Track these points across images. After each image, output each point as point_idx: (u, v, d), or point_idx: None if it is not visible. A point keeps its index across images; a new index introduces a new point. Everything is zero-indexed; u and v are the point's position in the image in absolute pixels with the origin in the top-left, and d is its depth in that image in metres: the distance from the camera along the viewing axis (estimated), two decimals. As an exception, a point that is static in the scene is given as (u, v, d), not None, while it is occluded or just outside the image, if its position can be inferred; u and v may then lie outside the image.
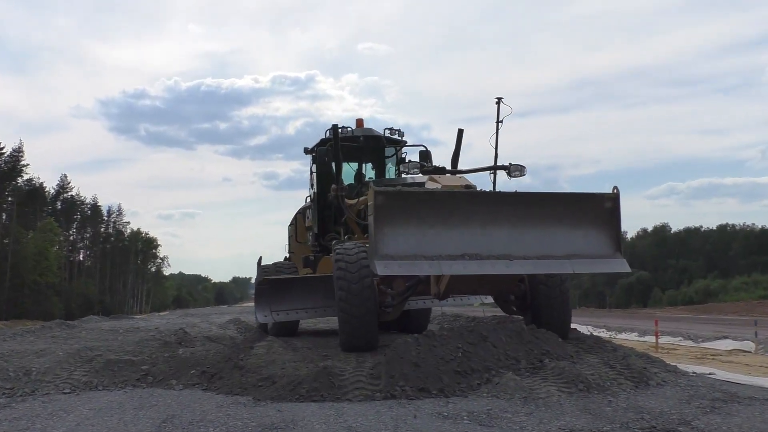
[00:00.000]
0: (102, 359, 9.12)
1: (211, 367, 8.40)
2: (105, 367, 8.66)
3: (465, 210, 8.18)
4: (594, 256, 8.46)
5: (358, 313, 8.89)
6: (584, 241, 8.49)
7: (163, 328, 17.35)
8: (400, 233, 7.87)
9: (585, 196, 8.64)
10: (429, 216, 8.01)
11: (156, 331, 15.59)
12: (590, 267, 8.64)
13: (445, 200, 8.20)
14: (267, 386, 7.25)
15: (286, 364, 8.12)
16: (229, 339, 12.26)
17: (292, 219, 15.93)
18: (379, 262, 7.66)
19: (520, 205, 8.38)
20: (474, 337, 8.13)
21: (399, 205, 7.95)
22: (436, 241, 7.97)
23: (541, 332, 8.98)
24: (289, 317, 11.80)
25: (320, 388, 6.94)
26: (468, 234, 8.09)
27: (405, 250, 7.85)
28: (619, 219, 8.58)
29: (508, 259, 8.06)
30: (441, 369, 7.30)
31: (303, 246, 14.85)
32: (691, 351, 13.43)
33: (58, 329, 17.12)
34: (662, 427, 5.52)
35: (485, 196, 8.61)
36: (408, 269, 7.86)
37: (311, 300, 11.75)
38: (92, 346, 11.49)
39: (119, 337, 14.50)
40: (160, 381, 8.11)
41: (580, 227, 8.48)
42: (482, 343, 8.04)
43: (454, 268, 7.93)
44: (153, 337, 13.06)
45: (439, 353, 7.60)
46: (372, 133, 14.02)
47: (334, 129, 12.70)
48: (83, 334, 15.49)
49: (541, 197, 8.57)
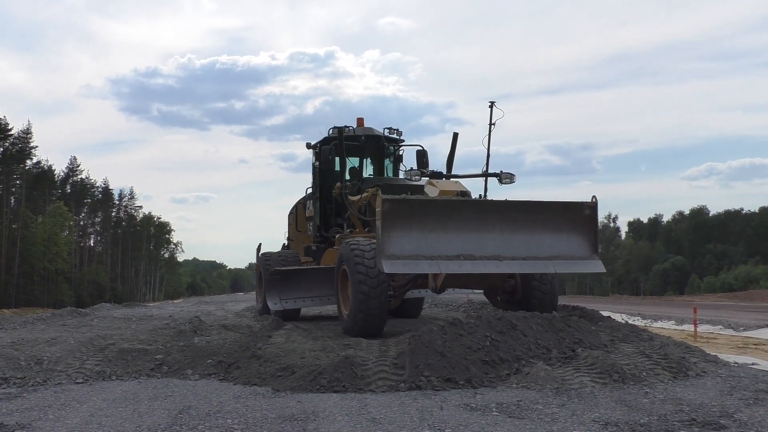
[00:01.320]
0: (115, 348, 9.22)
1: (228, 357, 8.46)
2: (118, 356, 8.75)
3: (461, 216, 9.85)
4: (574, 258, 10.13)
5: (375, 304, 10.53)
6: (566, 244, 10.15)
7: (178, 316, 17.53)
8: (404, 236, 9.50)
9: (566, 205, 10.35)
10: (429, 221, 9.65)
11: (170, 320, 15.74)
12: (570, 267, 10.23)
13: (443, 207, 9.86)
14: (286, 376, 7.29)
15: (305, 353, 8.17)
16: (245, 327, 12.35)
17: (292, 208, 17.57)
18: (386, 262, 9.27)
19: (510, 211, 10.08)
20: (503, 325, 8.13)
21: (403, 211, 9.57)
22: (435, 243, 9.61)
23: (573, 320, 9.00)
24: (297, 305, 13.77)
25: (342, 378, 6.96)
26: (463, 237, 9.76)
27: (408, 250, 9.47)
28: (596, 225, 10.38)
29: (498, 260, 9.72)
30: (468, 358, 7.30)
31: (303, 235, 16.51)
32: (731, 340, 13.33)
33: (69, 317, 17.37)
34: (703, 420, 5.47)
35: (478, 204, 10.32)
36: (411, 268, 9.56)
37: (317, 289, 13.59)
38: (104, 334, 11.62)
39: (132, 325, 14.66)
40: (175, 371, 8.18)
41: (562, 232, 10.15)
42: (511, 331, 8.04)
43: (451, 267, 9.55)
44: (167, 325, 13.18)
45: (466, 342, 7.60)
46: (372, 132, 15.56)
47: (339, 131, 14.50)
48: (95, 323, 15.69)
49: (527, 205, 10.24)
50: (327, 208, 15.19)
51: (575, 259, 10.21)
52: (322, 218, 15.29)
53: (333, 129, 14.95)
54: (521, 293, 11.42)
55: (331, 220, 15.07)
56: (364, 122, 15.94)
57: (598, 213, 10.41)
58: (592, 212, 10.36)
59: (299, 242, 16.76)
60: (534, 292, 11.20)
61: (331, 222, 15.03)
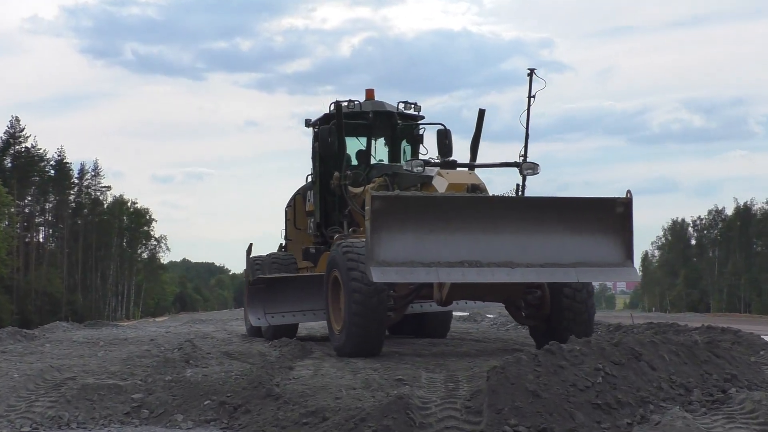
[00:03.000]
0: (75, 384, 9.31)
1: (234, 396, 8.53)
2: (80, 395, 8.85)
3: (466, 215, 11.06)
4: (602, 264, 11.41)
5: (372, 319, 12.11)
6: (593, 248, 11.38)
7: (162, 340, 17.70)
8: (397, 239, 10.71)
9: (594, 201, 11.68)
10: (428, 221, 10.86)
11: (152, 344, 15.90)
12: (597, 276, 11.89)
13: (445, 205, 11.11)
14: (315, 424, 7.33)
15: (342, 392, 8.21)
16: (257, 355, 12.44)
17: (290, 200, 19.20)
18: (375, 269, 10.50)
19: (526, 210, 11.47)
20: (621, 354, 8.06)
21: (396, 210, 10.79)
22: (434, 247, 10.81)
23: (722, 347, 8.90)
24: (285, 320, 15.39)
25: (394, 427, 6.97)
26: (469, 240, 10.96)
27: (402, 256, 10.69)
28: (631, 225, 11.46)
29: (510, 267, 10.95)
30: (572, 401, 7.26)
31: (302, 234, 18.23)
32: None
33: (9, 341, 17.59)
34: None
35: (487, 201, 11.69)
36: (404, 276, 10.93)
37: (311, 301, 14.90)
38: (61, 365, 11.76)
39: (99, 352, 14.85)
40: (160, 415, 8.27)
41: (588, 234, 11.39)
42: (634, 362, 7.98)
43: (453, 275, 10.93)
44: (148, 352, 13.33)
45: (569, 377, 7.56)
46: (383, 107, 17.16)
47: (337, 107, 15.99)
48: (47, 348, 15.91)
49: (547, 202, 11.64)
50: (329, 202, 16.84)
51: (604, 267, 11.48)
52: (323, 214, 16.96)
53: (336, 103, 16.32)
54: (549, 307, 12.74)
55: (334, 216, 16.67)
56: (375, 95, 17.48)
57: (632, 211, 11.52)
58: (626, 210, 11.44)
59: (298, 243, 18.34)
60: (565, 306, 12.54)
61: (334, 218, 16.61)
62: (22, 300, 79.28)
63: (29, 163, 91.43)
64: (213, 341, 17.16)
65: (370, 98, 17.45)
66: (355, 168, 16.47)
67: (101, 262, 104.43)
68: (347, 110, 16.44)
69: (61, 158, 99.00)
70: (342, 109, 16.09)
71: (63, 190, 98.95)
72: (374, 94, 17.54)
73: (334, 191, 16.41)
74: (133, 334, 22.02)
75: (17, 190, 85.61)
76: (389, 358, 12.13)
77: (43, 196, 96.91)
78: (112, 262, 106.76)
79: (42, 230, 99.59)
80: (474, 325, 23.65)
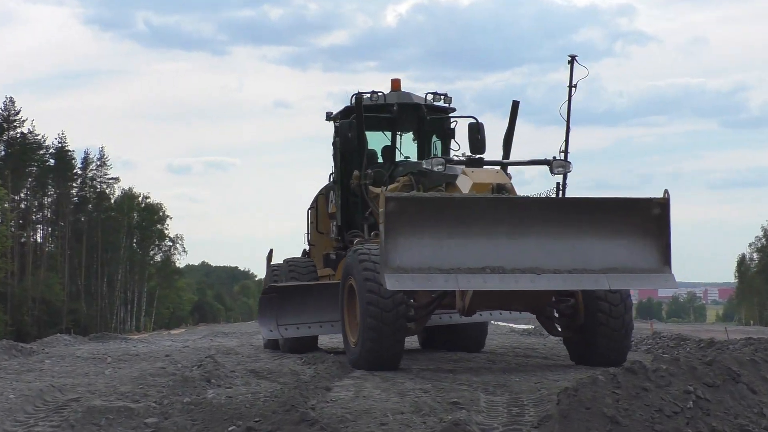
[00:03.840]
0: (80, 406, 9.41)
1: (263, 422, 8.55)
2: (85, 419, 8.91)
3: (488, 217, 12.03)
4: (636, 270, 12.38)
5: (389, 330, 12.92)
6: (626, 253, 12.34)
7: (179, 356, 17.86)
8: (414, 243, 11.66)
9: (628, 202, 12.69)
10: (447, 224, 11.84)
11: (167, 361, 16.07)
12: (630, 283, 12.66)
13: (465, 207, 12.11)
14: (357, 454, 7.37)
15: (387, 417, 8.25)
16: (289, 374, 12.53)
17: (313, 201, 20.31)
18: (389, 276, 11.47)
19: (553, 212, 12.46)
20: (716, 375, 8.03)
21: (413, 213, 11.78)
22: (454, 253, 11.75)
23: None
24: (300, 332, 16.52)
25: (448, 458, 7.00)
26: (491, 245, 11.93)
27: (419, 262, 11.65)
28: (668, 228, 12.41)
29: (535, 273, 11.87)
30: (657, 429, 7.25)
31: (325, 238, 19.19)
32: None
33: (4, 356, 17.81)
34: None
35: (511, 202, 12.66)
36: (421, 284, 11.87)
37: (328, 312, 15.84)
38: (63, 384, 11.91)
39: (107, 369, 15.01)
40: (178, 443, 8.32)
41: (621, 238, 12.37)
42: (731, 384, 7.95)
43: (473, 282, 11.86)
44: (162, 370, 13.46)
45: (653, 402, 7.54)
46: (410, 99, 18.17)
47: (357, 100, 16.87)
48: (47, 365, 16.10)
49: (576, 203, 12.74)
50: (351, 203, 17.69)
51: (638, 272, 12.43)
52: (345, 216, 17.80)
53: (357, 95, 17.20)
54: (583, 317, 13.68)
55: (357, 219, 17.45)
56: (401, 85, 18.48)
57: (670, 213, 12.43)
58: (663, 212, 12.39)
59: (320, 248, 19.39)
60: (600, 321, 13.40)
61: (357, 221, 17.42)
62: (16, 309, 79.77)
63: (25, 150, 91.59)
64: (237, 357, 17.30)
65: (396, 89, 18.34)
66: (379, 166, 17.46)
67: (108, 266, 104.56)
68: (370, 102, 17.40)
69: (62, 145, 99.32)
70: (362, 102, 16.89)
71: (64, 182, 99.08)
72: (401, 85, 18.46)
73: (354, 191, 17.34)
74: (145, 348, 22.22)
75: (12, 182, 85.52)
76: (442, 378, 12.14)
77: (41, 190, 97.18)
78: (120, 266, 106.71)
79: (40, 229, 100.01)
80: (540, 340, 23.51)
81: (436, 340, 18.87)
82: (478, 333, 18.29)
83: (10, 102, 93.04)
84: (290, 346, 17.41)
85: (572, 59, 15.57)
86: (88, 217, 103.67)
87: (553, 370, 13.47)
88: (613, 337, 13.39)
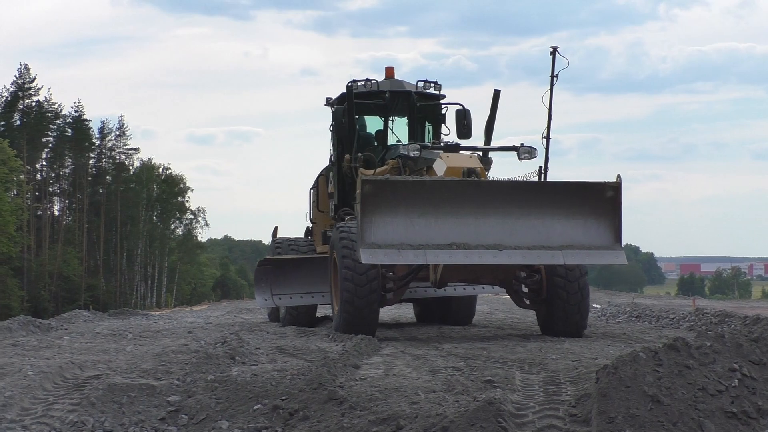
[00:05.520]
0: (101, 384, 9.47)
1: (289, 400, 8.59)
2: (106, 396, 8.97)
3: (456, 199, 13.92)
4: (591, 247, 14.31)
5: (363, 301, 15.07)
6: (582, 231, 14.26)
7: (202, 333, 17.96)
8: (387, 222, 13.60)
9: (583, 185, 14.61)
10: (418, 205, 13.75)
11: (190, 337, 16.14)
12: (584, 258, 14.62)
13: (435, 189, 13.99)
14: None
15: (419, 395, 8.27)
16: (316, 351, 12.56)
17: (314, 181, 22.59)
18: (364, 251, 13.49)
19: (515, 194, 14.40)
20: (762, 352, 8.00)
21: (387, 194, 13.68)
22: (424, 231, 13.70)
23: None
24: (293, 302, 18.95)
25: (482, 437, 7.01)
26: (458, 223, 13.85)
27: (392, 238, 13.59)
28: (620, 209, 14.36)
29: (497, 249, 13.80)
30: (701, 408, 7.24)
31: (325, 216, 21.49)
32: None
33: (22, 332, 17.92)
34: None
35: (477, 185, 14.49)
36: (393, 258, 13.91)
37: (318, 284, 18.26)
38: (83, 361, 11.96)
39: (127, 346, 15.10)
40: (201, 422, 8.36)
41: (577, 218, 14.25)
42: (777, 362, 7.92)
43: (440, 257, 13.83)
44: (185, 346, 13.50)
45: (696, 380, 7.53)
46: (401, 86, 20.29)
47: (348, 89, 18.95)
48: (66, 341, 16.19)
49: (536, 186, 15.42)
50: (347, 183, 19.82)
51: (592, 249, 14.35)
52: (341, 196, 19.99)
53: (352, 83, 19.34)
54: (546, 291, 15.78)
55: (350, 199, 19.22)
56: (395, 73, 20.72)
57: (622, 195, 14.36)
58: (615, 194, 14.32)
59: (321, 226, 21.59)
60: (557, 290, 15.53)
61: (351, 201, 19.16)
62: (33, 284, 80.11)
63: (41, 120, 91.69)
64: (262, 334, 17.37)
65: (389, 77, 20.64)
66: (372, 150, 19.67)
67: (127, 240, 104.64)
68: (364, 89, 19.54)
69: (79, 114, 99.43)
70: (353, 91, 18.98)
71: (81, 152, 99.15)
72: (394, 73, 20.77)
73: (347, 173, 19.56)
74: (166, 325, 22.34)
75: (27, 153, 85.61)
76: (475, 356, 12.17)
77: (57, 161, 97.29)
78: (139, 240, 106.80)
79: (57, 201, 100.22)
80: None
81: (433, 315, 21.53)
82: (467, 307, 20.78)
83: (24, 69, 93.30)
84: (289, 320, 20.11)
85: (554, 50, 17.58)
86: (106, 189, 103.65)
87: (592, 348, 13.47)
88: (570, 305, 15.49)
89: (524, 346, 13.79)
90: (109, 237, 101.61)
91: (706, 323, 18.34)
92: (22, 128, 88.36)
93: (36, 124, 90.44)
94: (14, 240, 72.78)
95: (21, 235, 77.52)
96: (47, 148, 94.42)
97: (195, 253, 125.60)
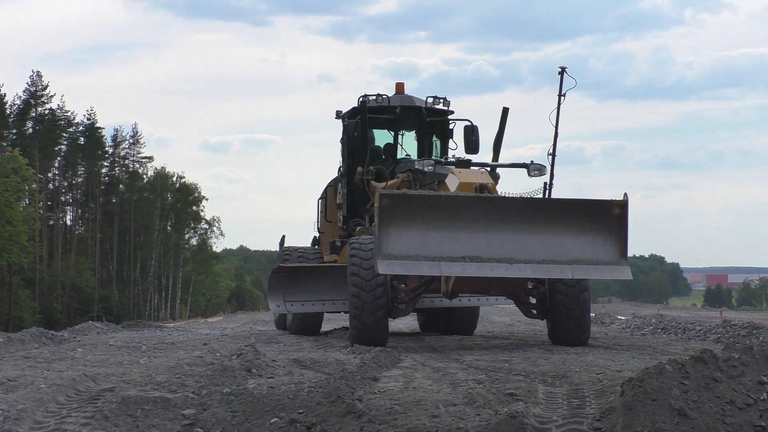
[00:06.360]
0: (115, 397, 9.45)
1: (307, 413, 8.60)
2: (120, 410, 8.97)
3: (470, 213, 14.76)
4: (597, 263, 15.10)
5: (370, 311, 15.76)
6: (589, 247, 15.07)
7: (217, 345, 17.95)
8: (403, 234, 14.35)
9: (592, 203, 15.72)
10: (433, 219, 14.52)
11: (205, 350, 16.16)
12: (591, 273, 15.42)
13: (450, 204, 14.90)
14: (408, 448, 7.38)
15: (439, 409, 8.25)
16: (334, 363, 12.55)
17: (323, 191, 23.42)
18: (381, 262, 14.20)
19: (526, 210, 15.27)
20: (792, 365, 7.97)
21: (403, 208, 14.45)
22: (439, 243, 14.45)
23: None
24: (305, 309, 19.66)
25: (504, 452, 7.00)
26: (471, 237, 14.66)
27: (408, 250, 14.32)
28: (626, 226, 15.17)
29: (508, 263, 14.55)
30: (729, 422, 7.22)
31: (333, 227, 22.46)
32: None
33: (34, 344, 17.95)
34: None
35: (490, 201, 15.49)
36: (408, 269, 14.66)
37: (331, 291, 19.12)
38: (96, 373, 11.99)
39: (141, 358, 15.11)
40: (218, 436, 8.36)
41: (585, 234, 15.09)
42: (808, 375, 7.88)
43: (453, 269, 14.57)
44: (200, 359, 13.54)
45: (724, 393, 7.51)
46: (411, 102, 21.30)
47: (362, 103, 20.32)
48: (79, 353, 16.21)
49: (547, 203, 16.19)
50: (356, 195, 20.81)
51: (599, 265, 15.13)
52: (350, 207, 20.99)
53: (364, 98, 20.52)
54: (549, 303, 16.76)
55: (361, 210, 20.66)
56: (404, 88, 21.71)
57: (628, 213, 15.17)
58: (622, 212, 15.13)
59: (329, 235, 22.48)
60: (558, 301, 16.50)
61: (360, 212, 20.65)
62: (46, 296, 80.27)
63: (54, 128, 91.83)
64: (279, 346, 17.36)
65: (399, 92, 21.61)
66: (382, 163, 20.67)
67: (140, 250, 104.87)
68: (375, 104, 20.55)
69: (92, 122, 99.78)
70: (367, 105, 20.25)
71: (94, 161, 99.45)
72: (404, 88, 21.75)
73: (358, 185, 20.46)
74: (181, 337, 22.33)
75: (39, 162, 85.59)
76: (497, 369, 12.16)
77: (70, 169, 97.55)
78: (153, 251, 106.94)
79: (69, 211, 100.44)
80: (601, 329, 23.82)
81: (437, 325, 22.39)
82: (471, 317, 21.82)
83: (37, 76, 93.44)
84: (296, 328, 21.09)
85: (562, 71, 18.39)
86: (119, 198, 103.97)
87: (616, 360, 13.45)
88: (571, 319, 16.47)
89: (547, 359, 13.80)
90: (122, 247, 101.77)
91: (733, 335, 18.27)
92: (35, 136, 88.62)
93: (48, 132, 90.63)
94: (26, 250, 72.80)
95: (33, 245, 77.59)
96: (60, 156, 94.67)
97: (210, 263, 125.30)
